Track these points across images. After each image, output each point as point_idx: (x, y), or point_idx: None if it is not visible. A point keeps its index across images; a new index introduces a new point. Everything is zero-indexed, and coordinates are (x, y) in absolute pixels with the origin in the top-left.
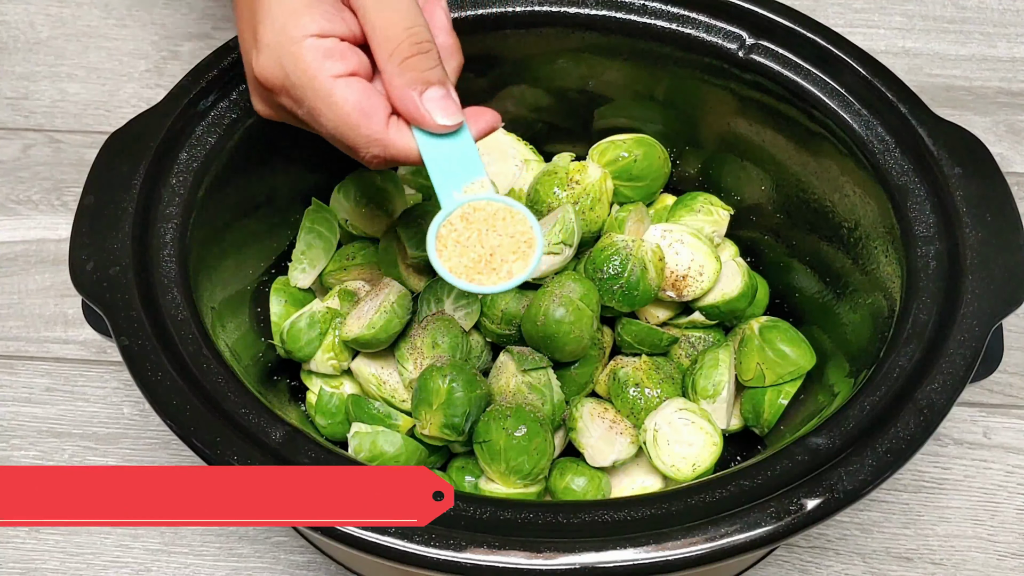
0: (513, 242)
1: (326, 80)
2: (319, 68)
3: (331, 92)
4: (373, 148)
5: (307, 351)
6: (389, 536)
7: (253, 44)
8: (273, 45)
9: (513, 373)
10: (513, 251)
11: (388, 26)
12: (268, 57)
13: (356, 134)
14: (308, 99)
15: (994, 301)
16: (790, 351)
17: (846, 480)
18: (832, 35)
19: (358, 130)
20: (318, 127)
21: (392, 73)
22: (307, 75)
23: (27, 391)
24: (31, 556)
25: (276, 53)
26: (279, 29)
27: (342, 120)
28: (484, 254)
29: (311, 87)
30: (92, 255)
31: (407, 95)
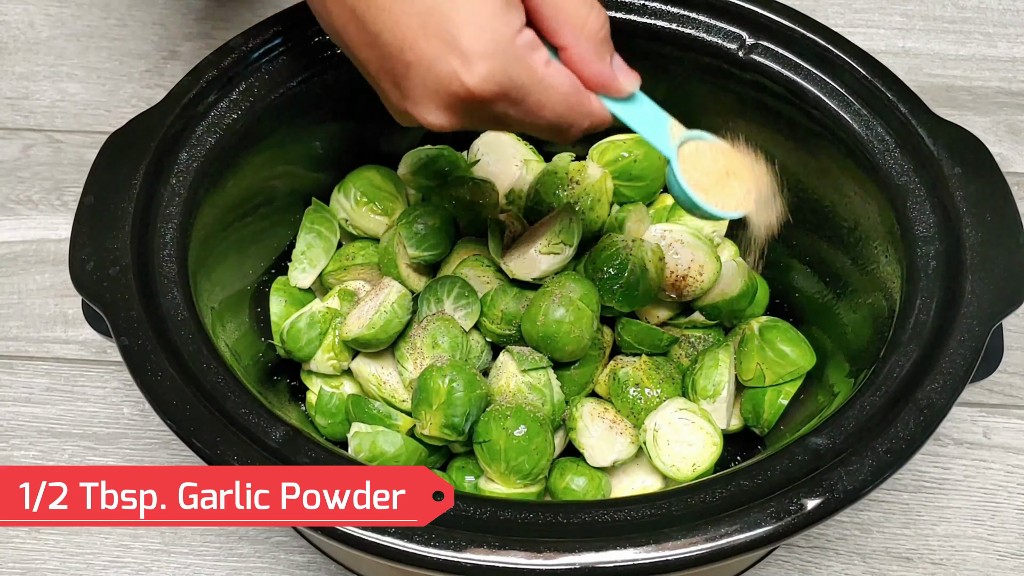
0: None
1: (544, 72)
2: (537, 63)
3: (551, 82)
4: (586, 121)
5: (307, 351)
6: (389, 536)
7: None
8: (490, 52)
9: (513, 373)
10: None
11: (581, 17)
12: (487, 66)
13: (576, 113)
14: (532, 95)
15: (994, 301)
16: (790, 351)
17: (846, 480)
18: (832, 35)
19: (579, 108)
20: (535, 119)
21: (588, 52)
22: (531, 73)
23: (27, 391)
24: (31, 556)
25: (497, 60)
26: (491, 34)
27: (564, 104)
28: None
29: (535, 83)
30: (92, 255)
31: (604, 71)
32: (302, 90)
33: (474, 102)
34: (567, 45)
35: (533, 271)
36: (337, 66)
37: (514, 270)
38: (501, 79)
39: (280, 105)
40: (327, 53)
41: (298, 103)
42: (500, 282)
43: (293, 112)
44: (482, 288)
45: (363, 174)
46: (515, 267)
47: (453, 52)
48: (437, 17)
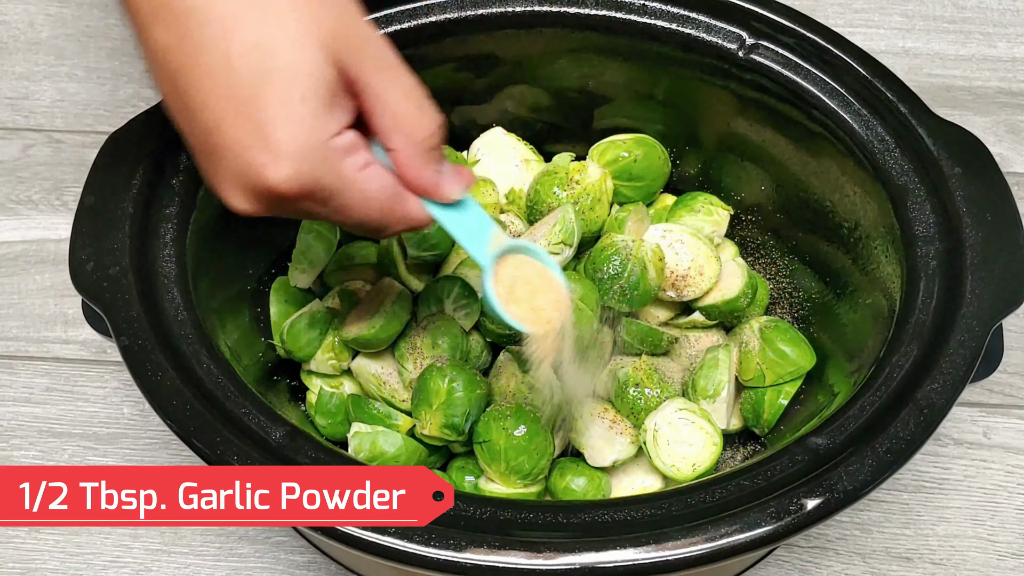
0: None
1: (355, 176)
2: (350, 167)
3: (364, 188)
4: (399, 225)
5: (307, 351)
6: (389, 536)
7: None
8: (299, 153)
9: (513, 373)
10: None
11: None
12: (294, 166)
13: (390, 218)
14: (339, 198)
15: (994, 301)
16: (790, 351)
17: (846, 480)
18: (832, 35)
19: (392, 214)
20: (343, 219)
21: (414, 157)
22: (341, 178)
23: (27, 391)
24: (31, 556)
25: (306, 161)
26: (304, 135)
27: (376, 209)
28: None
29: (345, 188)
30: (92, 255)
31: (428, 177)
32: None
33: (277, 197)
34: (395, 148)
35: None
36: None
37: None
38: (307, 180)
39: None
40: None
41: None
42: None
43: None
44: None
45: None
46: None
47: (262, 147)
48: (252, 108)
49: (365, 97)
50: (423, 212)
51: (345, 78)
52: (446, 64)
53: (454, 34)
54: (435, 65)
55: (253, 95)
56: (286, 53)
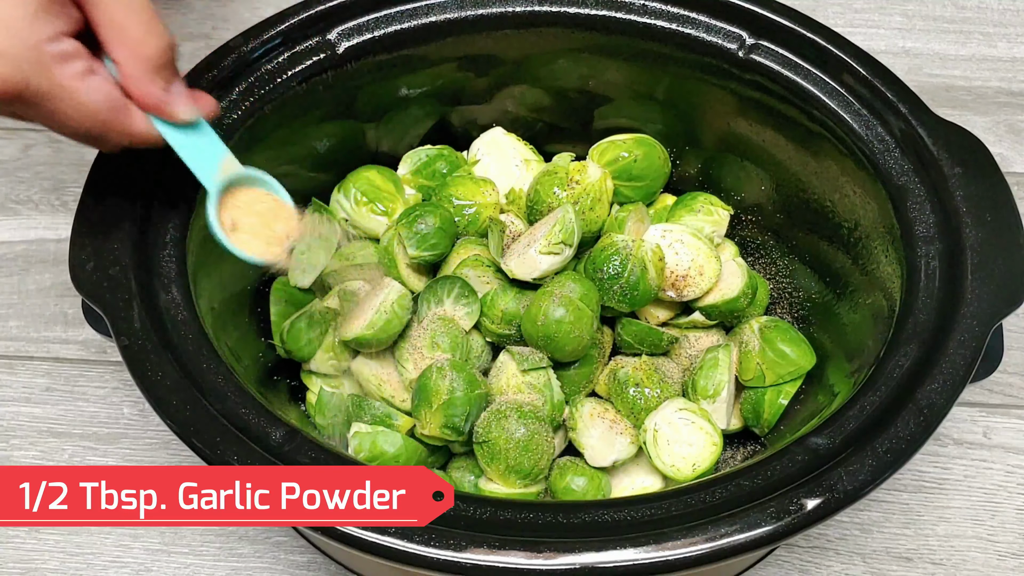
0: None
1: (70, 84)
2: (62, 73)
3: (77, 95)
4: (122, 139)
5: (307, 351)
6: (389, 536)
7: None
8: (10, 53)
9: (513, 373)
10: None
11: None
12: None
13: (107, 129)
14: (50, 103)
15: (994, 301)
16: (790, 351)
17: (846, 480)
18: (832, 35)
19: (109, 125)
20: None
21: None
22: (52, 82)
23: (27, 391)
24: (31, 556)
25: (15, 61)
26: (15, 35)
27: (91, 119)
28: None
29: (56, 93)
30: (92, 255)
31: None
32: (302, 90)
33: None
34: (119, 62)
35: (533, 271)
36: (337, 66)
37: (514, 270)
38: (17, 80)
39: (280, 105)
40: (327, 53)
41: (298, 103)
42: (500, 282)
43: (293, 112)
44: (482, 288)
45: (363, 174)
46: (515, 267)
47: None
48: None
49: (90, 8)
50: (149, 128)
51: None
52: (446, 64)
53: (454, 34)
54: (435, 65)
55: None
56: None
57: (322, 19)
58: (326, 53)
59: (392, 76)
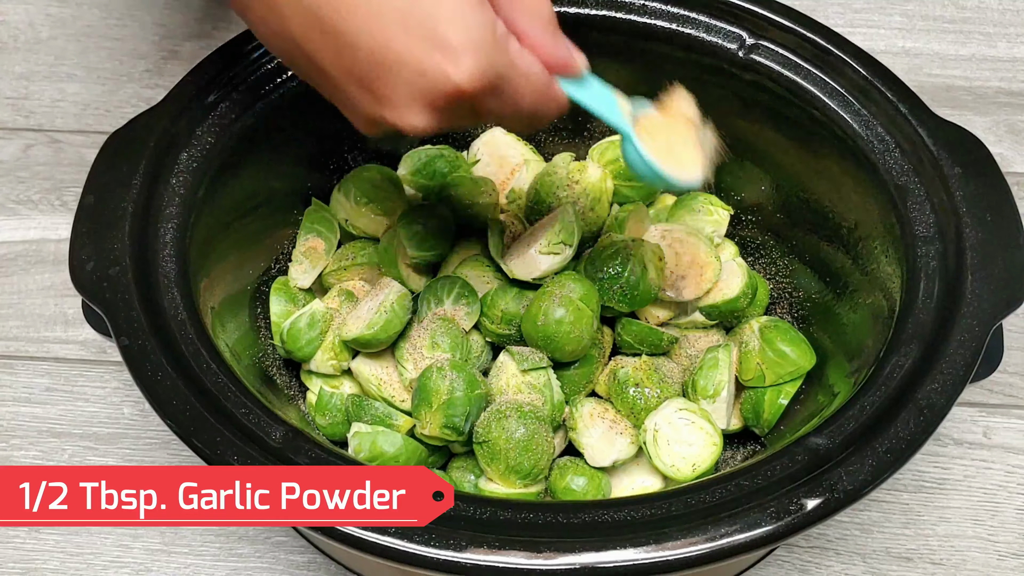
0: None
1: (520, 62)
2: (513, 52)
3: (528, 69)
4: (553, 107)
5: (307, 351)
6: (389, 536)
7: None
8: (476, 46)
9: (513, 373)
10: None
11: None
12: (475, 60)
13: (547, 98)
14: (512, 84)
15: (994, 301)
16: (790, 351)
17: (846, 480)
18: (832, 35)
19: (548, 94)
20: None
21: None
22: (510, 63)
23: (27, 391)
24: (31, 556)
25: (483, 52)
26: (476, 28)
27: (539, 91)
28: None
29: (515, 73)
30: (92, 255)
31: (562, 52)
32: (302, 90)
33: (461, 98)
34: (526, 30)
35: (533, 271)
36: None
37: (514, 270)
38: (487, 71)
39: (280, 105)
40: None
41: (298, 103)
42: (500, 282)
43: (293, 112)
44: (482, 288)
45: (363, 174)
46: (515, 267)
47: (439, 49)
48: (418, 14)
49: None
50: (563, 92)
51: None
52: None
53: None
54: None
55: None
56: None
57: None
58: None
59: None
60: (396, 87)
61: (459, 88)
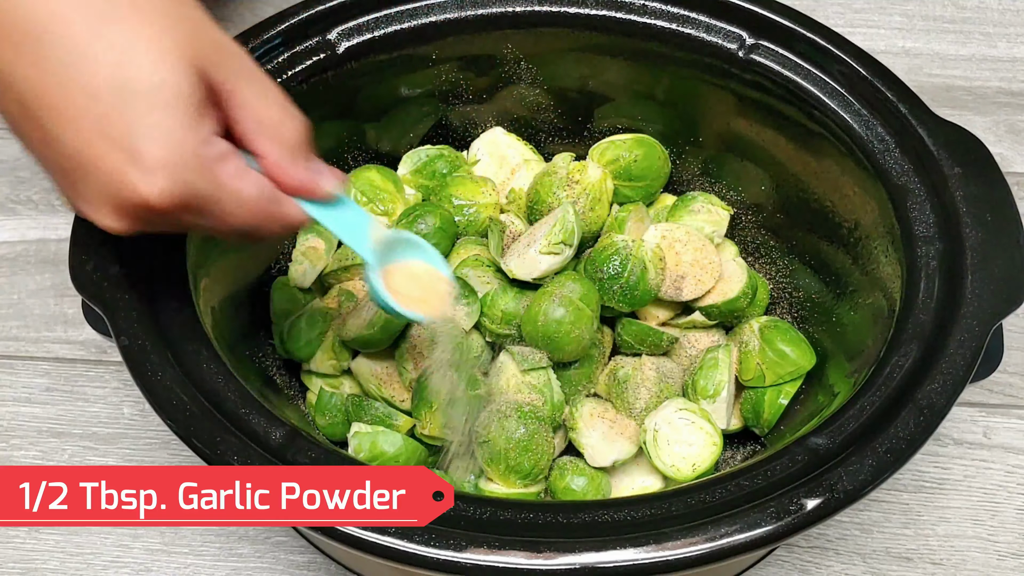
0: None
1: (232, 183)
2: (224, 173)
3: (240, 194)
4: (276, 228)
5: (307, 351)
6: (389, 536)
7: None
8: (172, 164)
9: (513, 373)
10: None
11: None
12: (167, 178)
13: (266, 220)
14: (216, 206)
15: (994, 301)
16: (790, 351)
17: (846, 480)
18: (832, 35)
19: (268, 216)
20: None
21: (286, 159)
22: (218, 186)
23: (27, 391)
24: (31, 556)
25: (179, 171)
26: (175, 145)
27: (254, 215)
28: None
29: (222, 196)
30: (92, 255)
31: (300, 176)
32: (302, 90)
33: (152, 211)
34: (264, 153)
35: (533, 271)
36: (337, 66)
37: (514, 270)
38: (183, 191)
39: None
40: (327, 53)
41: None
42: (500, 282)
43: None
44: (482, 288)
45: (363, 174)
46: (515, 267)
47: (131, 162)
48: (118, 127)
49: (229, 106)
50: (300, 212)
51: (208, 88)
52: (446, 64)
53: (454, 34)
54: (435, 65)
55: (118, 115)
56: (147, 69)
57: (322, 19)
58: (326, 53)
59: (392, 76)
60: (89, 188)
61: (147, 202)
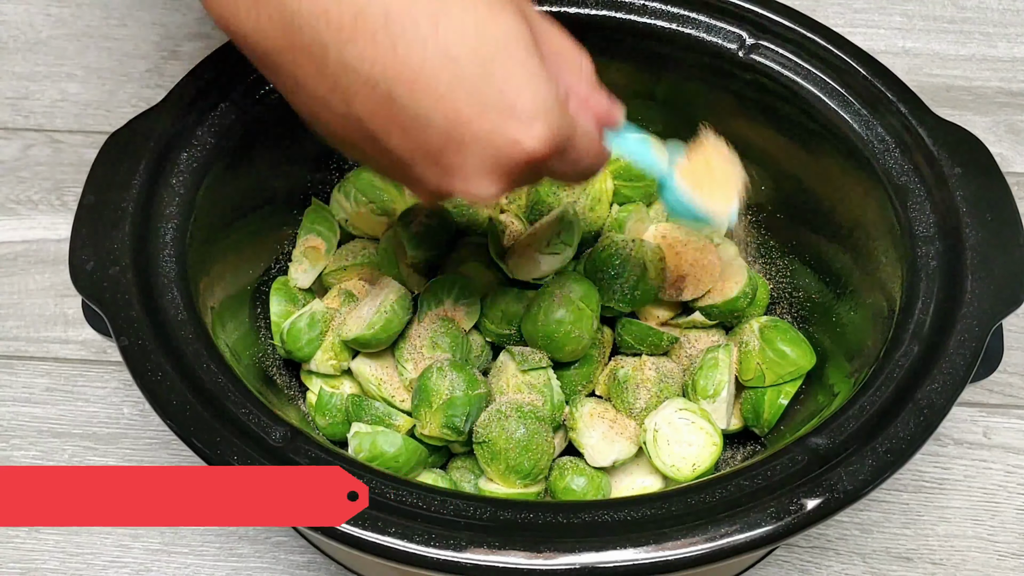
0: None
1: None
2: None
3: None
4: (602, 161)
5: (307, 351)
6: (389, 536)
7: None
8: (544, 111)
9: (513, 373)
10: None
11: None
12: (544, 125)
13: (600, 153)
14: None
15: (994, 301)
16: (790, 351)
17: (846, 480)
18: (832, 35)
19: (602, 153)
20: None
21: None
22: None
23: (27, 391)
24: (31, 556)
25: (551, 117)
26: (544, 93)
27: (596, 151)
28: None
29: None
30: (92, 255)
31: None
32: None
33: (532, 164)
34: (571, 86)
35: (533, 271)
36: None
37: (514, 270)
38: (556, 135)
39: (280, 105)
40: None
41: None
42: (500, 282)
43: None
44: (482, 288)
45: (363, 174)
46: (515, 267)
47: (510, 117)
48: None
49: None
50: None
51: None
52: None
53: None
54: None
55: (484, 75)
56: (494, 24)
57: None
58: None
59: None
60: (467, 159)
61: (531, 155)
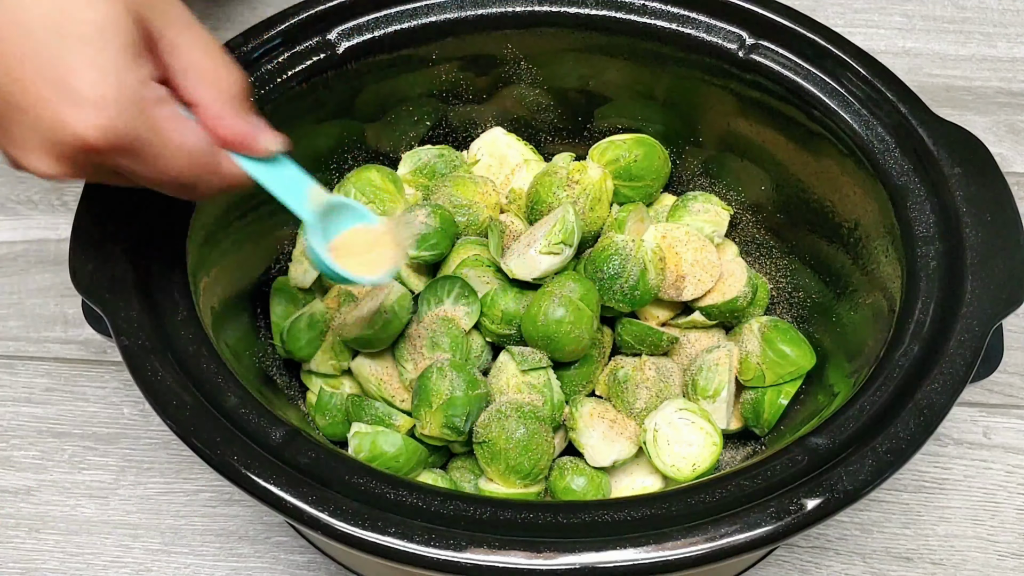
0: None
1: (169, 127)
2: (162, 116)
3: (179, 139)
4: (214, 182)
5: (307, 351)
6: (389, 536)
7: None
8: (108, 101)
9: (513, 373)
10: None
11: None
12: (104, 115)
13: (203, 172)
14: (152, 149)
15: (994, 301)
16: (790, 351)
17: (846, 480)
18: (832, 35)
19: (205, 168)
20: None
21: (226, 109)
22: (155, 128)
23: (27, 391)
24: (31, 556)
25: (116, 109)
26: (112, 83)
27: (191, 165)
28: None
29: (159, 139)
30: (92, 255)
31: (243, 128)
32: (302, 90)
33: (87, 152)
34: (199, 102)
35: (533, 271)
36: (337, 66)
37: (514, 270)
38: (118, 130)
39: (280, 105)
40: (327, 53)
41: (298, 103)
42: (500, 282)
43: (293, 112)
44: (482, 288)
45: (363, 174)
46: (515, 267)
47: (67, 99)
48: (51, 60)
49: (167, 54)
50: (238, 169)
51: (146, 35)
52: (446, 64)
53: (454, 34)
54: (435, 65)
55: (52, 51)
56: (84, 10)
57: (322, 19)
58: (326, 53)
59: (392, 76)
60: (22, 129)
61: (83, 141)
